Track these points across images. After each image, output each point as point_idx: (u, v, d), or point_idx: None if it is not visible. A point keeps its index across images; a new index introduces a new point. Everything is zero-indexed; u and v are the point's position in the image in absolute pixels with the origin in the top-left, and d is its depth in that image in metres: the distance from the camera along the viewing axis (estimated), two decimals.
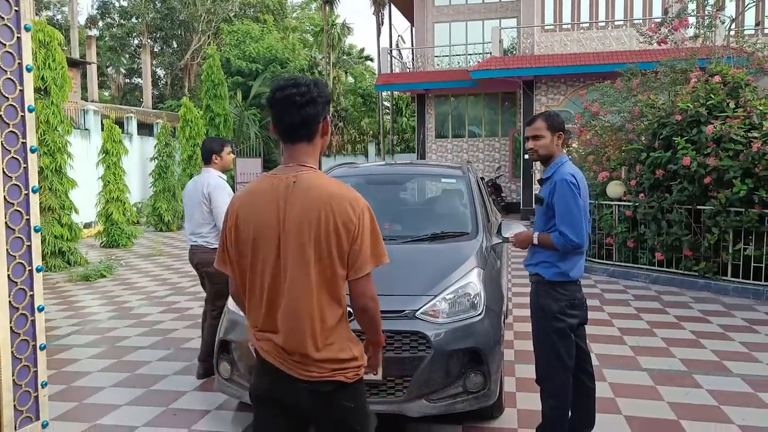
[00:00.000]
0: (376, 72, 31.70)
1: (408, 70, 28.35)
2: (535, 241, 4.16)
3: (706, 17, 14.60)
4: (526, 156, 4.38)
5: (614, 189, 11.01)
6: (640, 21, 21.85)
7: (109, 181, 16.45)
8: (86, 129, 20.77)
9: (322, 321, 2.56)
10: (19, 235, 4.40)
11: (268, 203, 2.59)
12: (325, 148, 2.77)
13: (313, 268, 2.53)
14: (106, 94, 48.47)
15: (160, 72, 52.01)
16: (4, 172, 4.27)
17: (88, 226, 17.24)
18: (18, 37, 4.39)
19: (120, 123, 21.06)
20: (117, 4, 48.35)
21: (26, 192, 4.44)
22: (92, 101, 30.20)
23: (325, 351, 2.57)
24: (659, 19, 15.16)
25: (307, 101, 2.61)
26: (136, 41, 49.90)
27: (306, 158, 2.66)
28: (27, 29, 4.45)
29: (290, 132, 2.65)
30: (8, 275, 4.31)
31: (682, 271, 10.11)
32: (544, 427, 4.15)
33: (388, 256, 2.64)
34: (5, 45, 4.29)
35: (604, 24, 23.36)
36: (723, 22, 15.24)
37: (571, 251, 4.01)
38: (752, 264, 9.35)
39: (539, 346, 4.16)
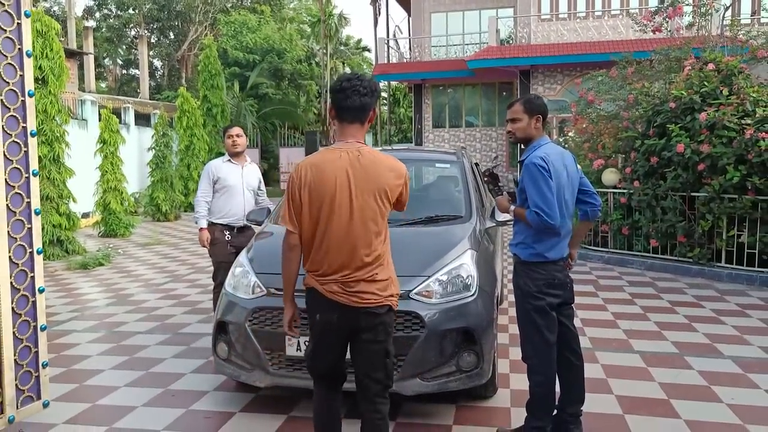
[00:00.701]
0: (374, 62, 31.69)
1: (405, 60, 28.41)
2: (510, 215, 4.36)
3: (701, 5, 14.64)
4: (512, 140, 4.46)
5: (609, 176, 11.08)
6: (636, 10, 21.89)
7: (106, 171, 16.49)
8: (83, 119, 20.79)
9: (380, 264, 3.42)
10: (20, 218, 4.47)
11: (338, 170, 3.31)
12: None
13: (375, 220, 3.37)
14: (103, 85, 48.41)
15: (157, 63, 51.98)
16: (5, 155, 4.33)
17: (85, 216, 17.27)
18: (18, 23, 4.46)
19: (117, 113, 21.09)
20: None
21: (27, 175, 4.51)
22: (89, 92, 30.18)
23: (380, 285, 3.40)
24: (654, 8, 15.20)
25: (367, 92, 3.38)
26: (132, 32, 49.88)
27: (359, 136, 3.46)
28: (27, 15, 4.52)
29: (351, 114, 3.41)
30: (9, 257, 4.38)
31: (676, 258, 10.20)
32: (531, 403, 4.24)
33: None
34: (6, 31, 4.36)
35: (600, 13, 23.41)
36: (717, 11, 15.28)
37: (544, 231, 4.08)
38: (746, 250, 9.43)
39: (521, 324, 4.25)
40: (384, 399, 3.54)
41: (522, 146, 4.33)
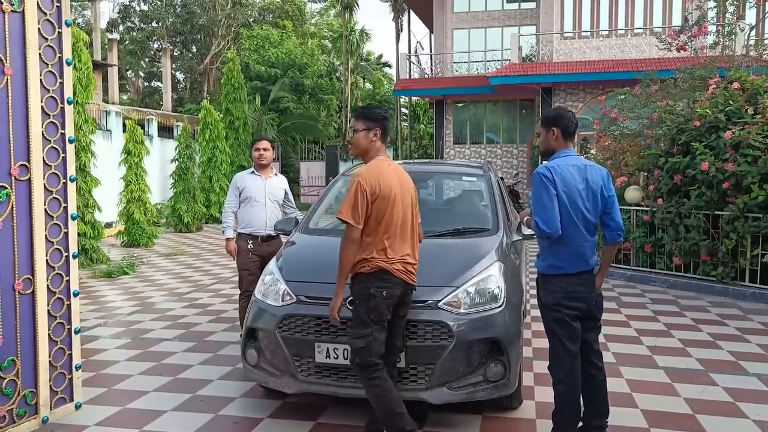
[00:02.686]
0: (395, 78, 31.88)
1: (427, 76, 28.51)
2: (524, 220, 4.84)
3: (726, 25, 14.64)
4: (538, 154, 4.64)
5: (632, 194, 11.09)
6: (660, 29, 21.90)
7: (130, 181, 16.67)
8: (108, 130, 21.04)
9: (418, 249, 4.57)
10: (57, 222, 4.57)
11: (394, 178, 4.37)
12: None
13: (413, 215, 4.51)
14: (125, 97, 48.90)
15: (180, 76, 52.43)
16: (44, 161, 4.43)
17: (108, 225, 17.44)
18: (59, 32, 4.57)
19: (141, 125, 21.30)
20: (138, 8, 48.79)
21: (64, 181, 4.61)
22: (113, 104, 30.51)
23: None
24: (679, 27, 15.21)
25: (388, 116, 4.58)
26: (156, 45, 50.36)
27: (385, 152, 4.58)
28: (68, 25, 4.63)
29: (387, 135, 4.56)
30: (47, 260, 4.47)
31: (699, 276, 10.16)
32: (556, 413, 4.28)
33: None
34: (47, 39, 4.47)
35: (623, 32, 23.44)
36: (743, 30, 15.28)
37: (545, 239, 4.20)
38: None
39: (547, 334, 4.32)
40: (397, 360, 4.46)
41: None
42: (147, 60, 51.91)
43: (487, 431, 4.74)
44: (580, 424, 4.34)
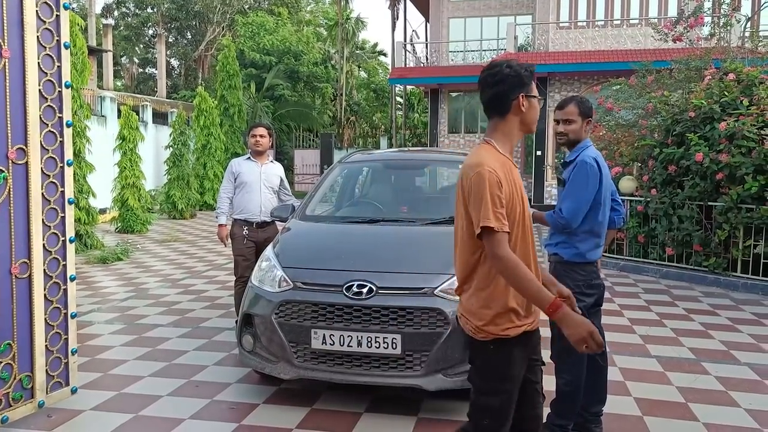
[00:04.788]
0: (390, 66, 31.82)
1: (422, 65, 28.47)
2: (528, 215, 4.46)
3: (721, 16, 14.66)
4: (561, 142, 4.46)
5: (626, 184, 11.12)
6: (656, 20, 21.90)
7: (125, 168, 16.61)
8: (103, 116, 20.95)
9: None
10: (54, 207, 4.58)
11: (507, 169, 2.88)
12: (527, 124, 2.97)
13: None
14: (119, 83, 48.69)
15: (174, 62, 52.24)
16: (41, 145, 4.44)
17: (102, 211, 17.40)
18: (57, 15, 4.56)
19: (135, 111, 21.22)
20: None
21: (61, 165, 4.61)
22: (107, 90, 30.39)
23: None
24: (675, 18, 15.22)
25: (497, 81, 2.88)
26: (150, 31, 50.17)
27: (492, 133, 2.96)
28: (66, 8, 4.62)
29: (485, 109, 2.98)
30: (43, 244, 4.49)
31: (692, 267, 10.22)
32: (557, 402, 4.29)
33: (408, 237, 3.02)
34: (45, 22, 4.46)
35: (619, 22, 23.43)
36: (738, 21, 15.29)
37: (560, 229, 4.16)
38: (762, 260, 9.44)
39: (553, 324, 4.29)
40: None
41: (567, 148, 4.37)
42: (141, 46, 51.72)
43: None
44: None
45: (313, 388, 5.25)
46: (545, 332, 4.35)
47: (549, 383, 4.39)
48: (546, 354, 4.45)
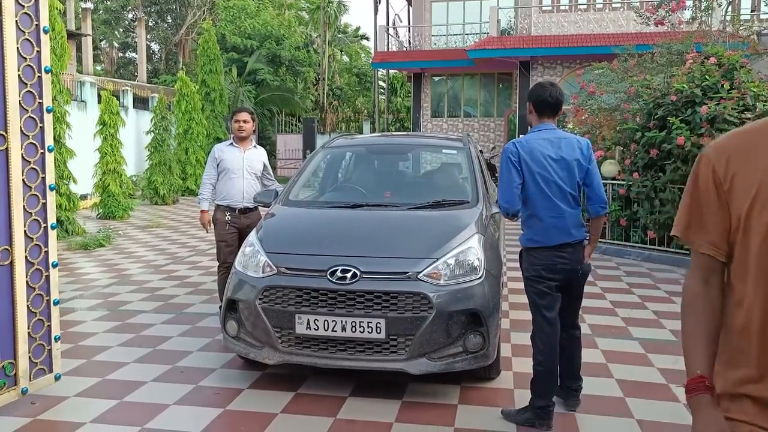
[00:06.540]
0: (372, 51, 31.71)
1: (405, 49, 28.40)
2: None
3: (703, 0, 14.70)
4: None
5: (608, 168, 11.16)
6: (638, 3, 21.95)
7: (106, 153, 16.48)
8: (83, 101, 20.76)
9: None
10: (35, 193, 4.53)
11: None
12: None
13: None
14: (99, 68, 48.20)
15: (155, 47, 51.74)
16: (21, 131, 4.39)
17: (83, 197, 17.26)
18: None
19: (116, 96, 21.03)
20: None
21: (42, 151, 4.57)
22: (87, 74, 30.09)
23: None
24: (656, 2, 15.26)
25: None
26: (130, 15, 49.63)
27: None
28: None
29: None
30: (24, 231, 4.44)
31: (673, 250, 10.29)
32: (534, 382, 4.39)
33: (392, 222, 2.98)
34: (24, 6, 4.40)
35: (601, 6, 23.47)
36: (720, 5, 15.35)
37: (508, 216, 4.42)
38: None
39: (529, 305, 4.46)
40: None
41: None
42: (121, 30, 51.14)
43: (466, 401, 4.79)
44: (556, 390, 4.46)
45: (297, 372, 5.26)
46: (522, 315, 4.40)
47: (526, 367, 4.45)
48: (525, 342, 4.50)
